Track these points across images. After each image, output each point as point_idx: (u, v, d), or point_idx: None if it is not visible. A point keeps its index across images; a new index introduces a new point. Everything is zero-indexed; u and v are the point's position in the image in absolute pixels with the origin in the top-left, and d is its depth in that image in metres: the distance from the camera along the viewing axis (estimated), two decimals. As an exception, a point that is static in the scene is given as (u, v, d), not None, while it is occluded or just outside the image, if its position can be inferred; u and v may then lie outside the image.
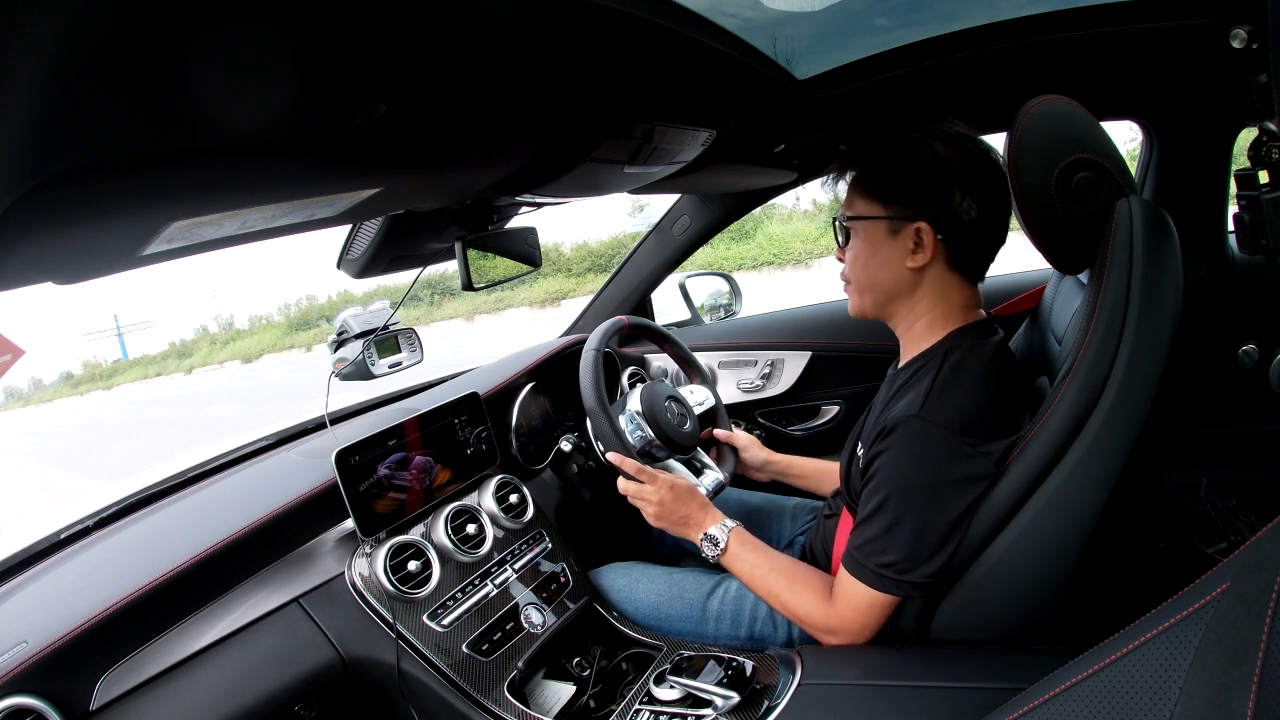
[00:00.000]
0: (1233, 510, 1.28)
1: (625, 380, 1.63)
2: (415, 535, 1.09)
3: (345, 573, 1.03)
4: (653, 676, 0.96)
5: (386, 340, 1.26)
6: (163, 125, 0.44)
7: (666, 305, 1.99)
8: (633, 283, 1.87)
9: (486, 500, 1.21)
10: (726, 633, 1.08)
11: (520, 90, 0.69)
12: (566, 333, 1.87)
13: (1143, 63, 1.23)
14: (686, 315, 2.00)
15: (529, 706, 1.00)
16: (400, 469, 1.11)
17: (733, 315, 2.01)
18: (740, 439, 1.35)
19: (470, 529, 1.14)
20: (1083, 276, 0.97)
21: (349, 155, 0.63)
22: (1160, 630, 0.45)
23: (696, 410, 1.32)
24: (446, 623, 1.04)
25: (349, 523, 1.05)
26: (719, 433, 1.36)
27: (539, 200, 1.16)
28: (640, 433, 1.19)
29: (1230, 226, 1.38)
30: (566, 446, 1.36)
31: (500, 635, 1.07)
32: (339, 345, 1.26)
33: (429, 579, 1.05)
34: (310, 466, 1.15)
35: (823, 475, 1.32)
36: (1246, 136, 1.19)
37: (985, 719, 0.55)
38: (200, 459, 1.37)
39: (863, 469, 0.90)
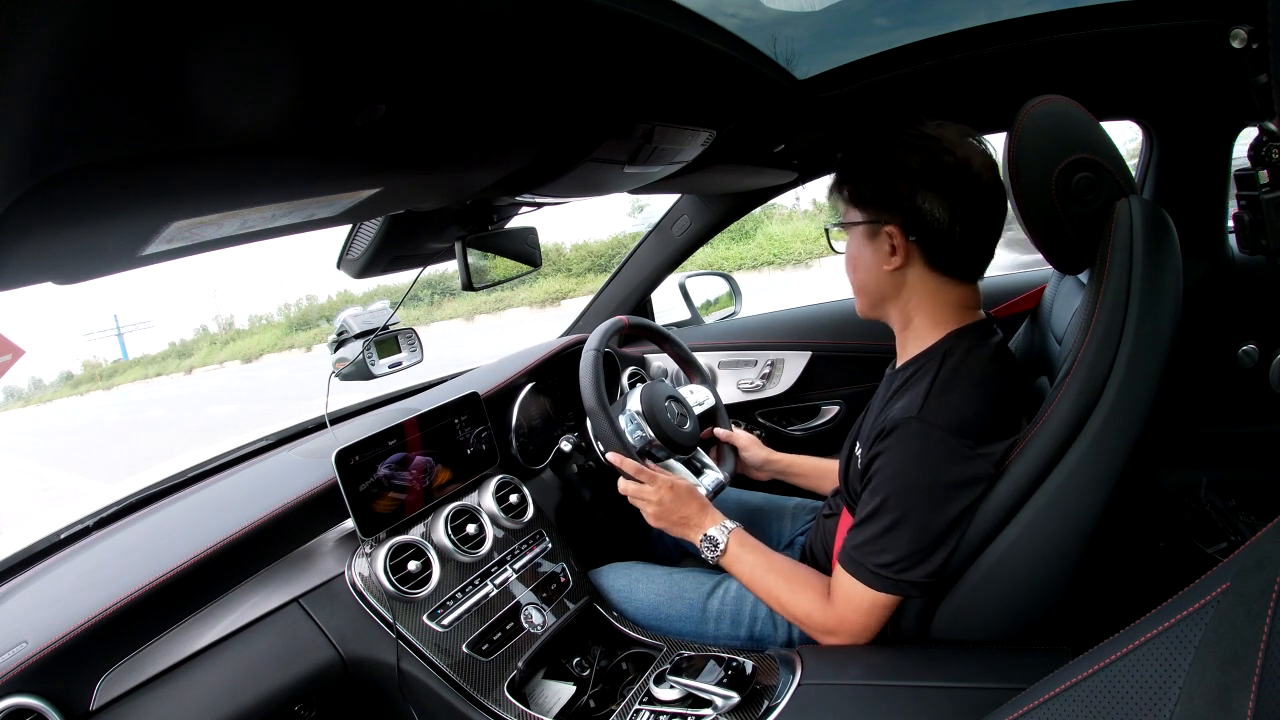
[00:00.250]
0: (1233, 510, 1.28)
1: (625, 380, 1.63)
2: (415, 535, 1.09)
3: (345, 573, 1.03)
4: (653, 676, 0.96)
5: (386, 340, 1.26)
6: (163, 125, 0.44)
7: (666, 305, 1.99)
8: (633, 283, 1.86)
9: (486, 500, 1.21)
10: (726, 633, 1.08)
11: (520, 90, 0.69)
12: (566, 333, 1.87)
13: (1143, 63, 1.23)
14: (686, 315, 2.00)
15: (529, 706, 1.00)
16: (400, 469, 1.11)
17: (732, 315, 2.01)
18: (740, 438, 1.36)
19: (470, 529, 1.14)
20: (1083, 276, 0.97)
21: (349, 155, 0.63)
22: (1160, 630, 0.45)
23: (696, 410, 1.32)
24: (446, 623, 1.04)
25: (349, 523, 1.05)
26: (719, 432, 1.36)
27: (539, 200, 1.16)
28: (640, 433, 1.19)
29: (1230, 226, 1.38)
30: (566, 446, 1.36)
31: (500, 635, 1.07)
32: (339, 345, 1.26)
33: (429, 579, 1.05)
34: (310, 466, 1.15)
35: (823, 474, 1.32)
36: (1247, 136, 1.20)
37: (985, 719, 0.55)
38: (200, 459, 1.37)
39: (862, 469, 0.90)
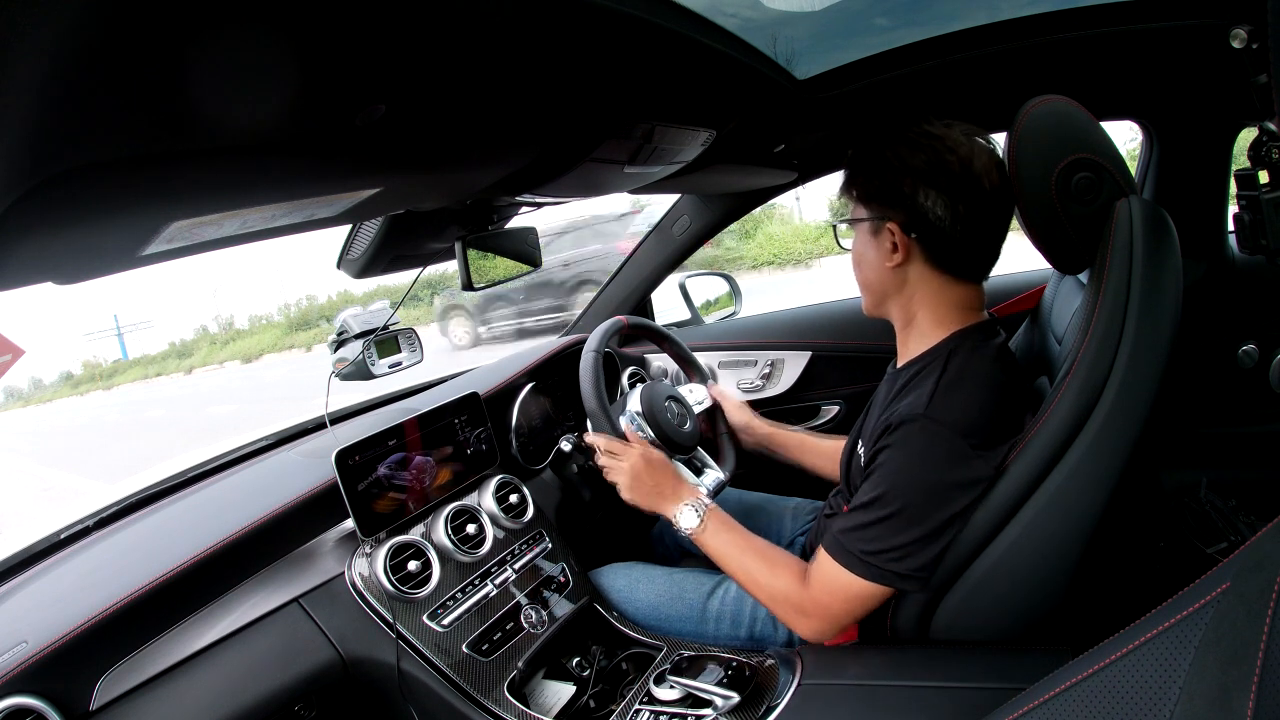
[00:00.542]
0: (1233, 510, 1.28)
1: (625, 380, 1.63)
2: (415, 535, 1.09)
3: (345, 573, 1.03)
4: (653, 676, 0.96)
5: (386, 340, 1.26)
6: (163, 125, 0.44)
7: (666, 305, 1.99)
8: (633, 283, 1.86)
9: (486, 500, 1.21)
10: (726, 633, 1.07)
11: (520, 90, 0.69)
12: (566, 333, 1.87)
13: (1143, 63, 1.23)
14: (686, 315, 2.00)
15: (529, 706, 1.00)
16: (400, 469, 1.11)
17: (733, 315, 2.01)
18: (729, 396, 1.37)
19: (470, 529, 1.14)
20: (1083, 276, 0.97)
21: (349, 155, 0.63)
22: (1160, 630, 0.45)
23: (696, 410, 1.32)
24: (446, 623, 1.04)
25: (349, 523, 1.05)
26: (712, 388, 1.37)
27: (539, 200, 1.16)
28: (640, 433, 1.19)
29: (1230, 226, 1.38)
30: (566, 446, 1.36)
31: (500, 635, 1.07)
32: (339, 345, 1.26)
33: (429, 579, 1.05)
34: (310, 466, 1.15)
35: (806, 448, 1.32)
36: (1247, 136, 1.20)
37: (985, 719, 0.55)
38: (200, 459, 1.37)
39: (864, 465, 0.90)
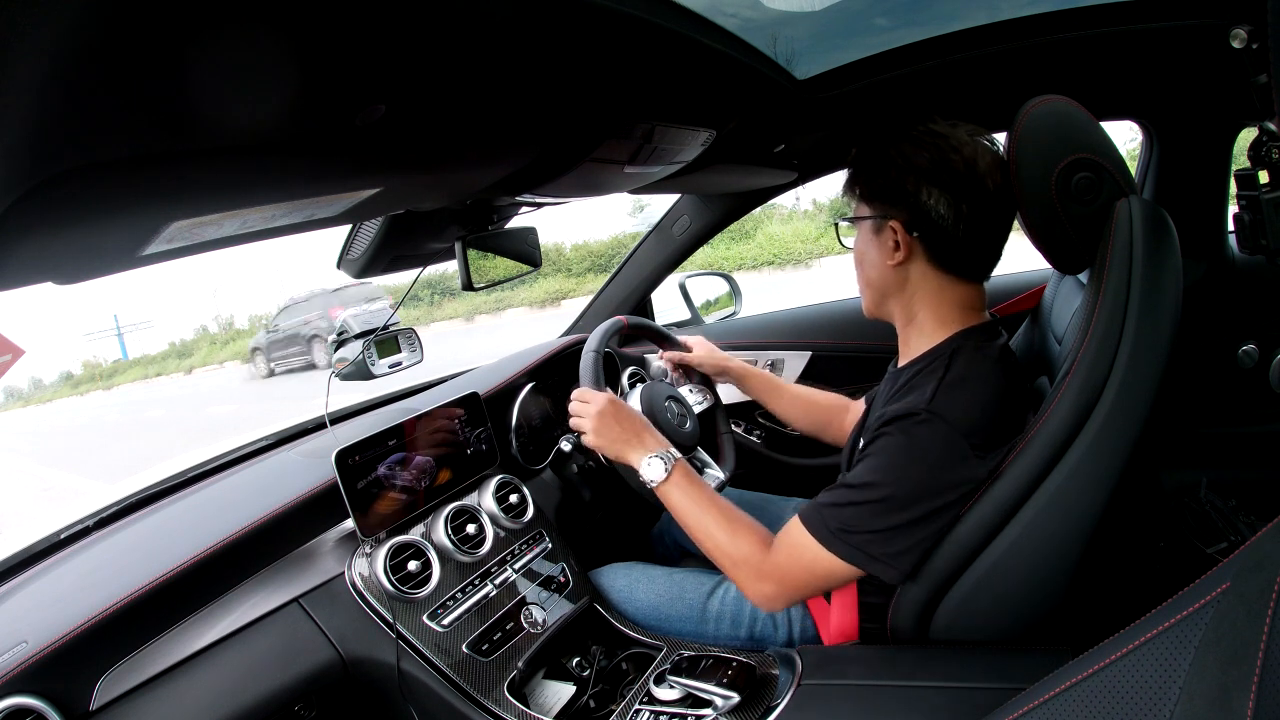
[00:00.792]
0: (1233, 510, 1.28)
1: (625, 380, 1.63)
2: (415, 535, 1.09)
3: (345, 573, 1.03)
4: (653, 676, 0.96)
5: (386, 340, 1.26)
6: (163, 125, 0.44)
7: (667, 305, 1.98)
8: (633, 283, 1.86)
9: (486, 500, 1.21)
10: (726, 633, 1.07)
11: (520, 90, 0.69)
12: (566, 333, 1.87)
13: (1143, 63, 1.23)
14: (686, 315, 2.00)
15: (529, 706, 1.00)
16: (400, 469, 1.11)
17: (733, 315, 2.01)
18: (691, 339, 1.41)
19: (470, 529, 1.14)
20: (1083, 276, 0.97)
21: (349, 155, 0.63)
22: (1160, 630, 0.45)
23: (696, 410, 1.32)
24: (446, 623, 1.04)
25: (349, 523, 1.05)
26: (670, 355, 1.39)
27: (539, 200, 1.16)
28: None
29: (1230, 226, 1.38)
30: (566, 446, 1.36)
31: (500, 635, 1.07)
32: (339, 345, 1.26)
33: (429, 579, 1.05)
34: (310, 466, 1.15)
35: (772, 389, 1.36)
36: (1247, 136, 1.19)
37: (985, 719, 0.55)
38: (200, 459, 1.37)
39: (861, 449, 0.90)
